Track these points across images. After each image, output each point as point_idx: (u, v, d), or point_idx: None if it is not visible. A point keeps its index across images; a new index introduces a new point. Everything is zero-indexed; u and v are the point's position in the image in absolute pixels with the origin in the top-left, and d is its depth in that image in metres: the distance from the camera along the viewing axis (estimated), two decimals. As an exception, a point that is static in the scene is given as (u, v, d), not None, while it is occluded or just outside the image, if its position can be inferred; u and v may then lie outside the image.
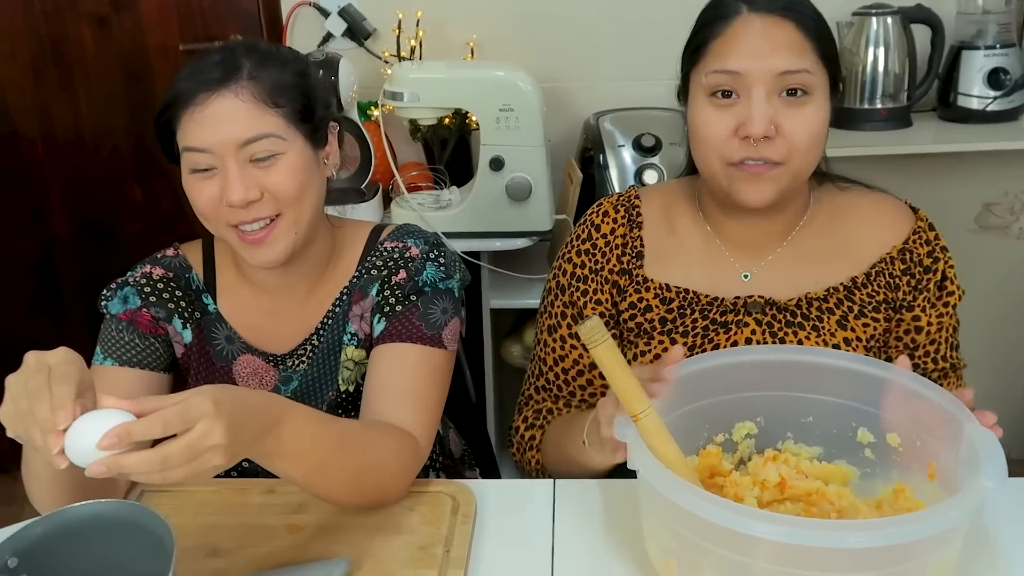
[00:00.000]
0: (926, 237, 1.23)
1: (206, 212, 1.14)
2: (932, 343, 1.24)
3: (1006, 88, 2.26)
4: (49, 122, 2.54)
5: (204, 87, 1.09)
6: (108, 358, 1.20)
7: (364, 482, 1.05)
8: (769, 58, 1.10)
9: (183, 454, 0.80)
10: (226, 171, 1.10)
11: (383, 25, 2.38)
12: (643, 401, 0.93)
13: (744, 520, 0.81)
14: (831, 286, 1.21)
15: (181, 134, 1.12)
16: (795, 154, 1.12)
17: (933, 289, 1.23)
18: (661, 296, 1.24)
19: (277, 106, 1.11)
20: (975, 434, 0.91)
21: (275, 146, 1.11)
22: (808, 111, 1.11)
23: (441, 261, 1.23)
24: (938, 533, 0.81)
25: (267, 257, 1.15)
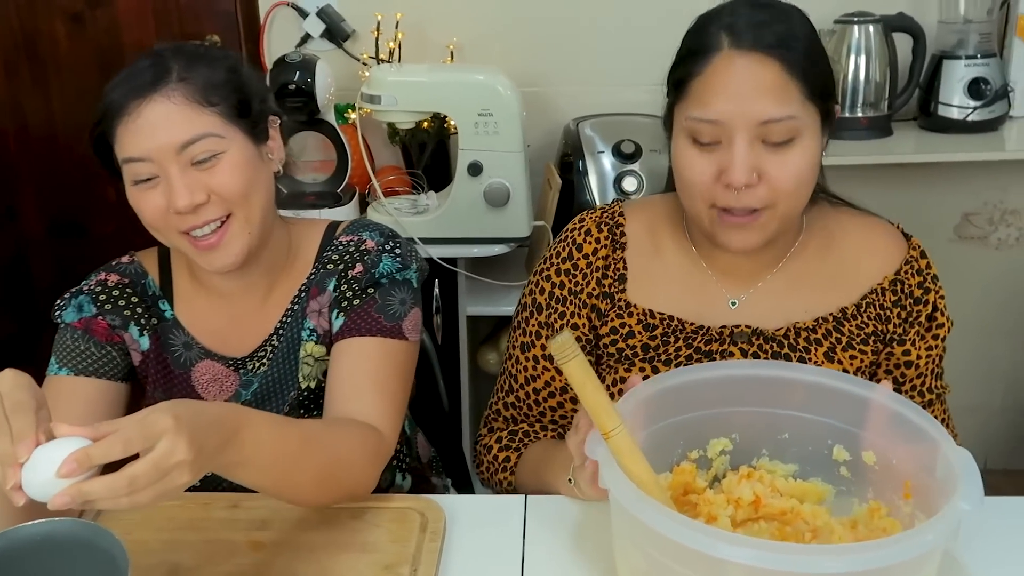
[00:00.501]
0: (918, 267, 1.20)
1: (154, 222, 1.12)
2: (919, 376, 1.21)
3: (987, 98, 2.26)
4: (22, 118, 2.50)
5: (135, 95, 1.07)
6: (63, 368, 1.17)
7: (330, 480, 1.03)
8: (751, 105, 1.03)
9: (149, 473, 0.78)
10: (169, 178, 1.08)
11: (362, 27, 2.35)
12: (614, 419, 0.91)
13: (718, 544, 0.79)
14: (820, 316, 1.18)
15: (118, 146, 1.09)
16: (780, 198, 1.07)
17: (924, 321, 1.20)
18: (644, 322, 1.20)
19: (211, 104, 1.09)
20: (951, 454, 0.90)
21: (214, 145, 1.09)
22: (793, 155, 1.06)
23: (397, 252, 1.21)
24: (914, 557, 0.80)
25: (223, 261, 1.13)
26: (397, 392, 1.16)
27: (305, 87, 1.99)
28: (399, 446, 1.33)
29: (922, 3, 2.34)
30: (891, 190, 2.41)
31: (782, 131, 1.04)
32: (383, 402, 1.13)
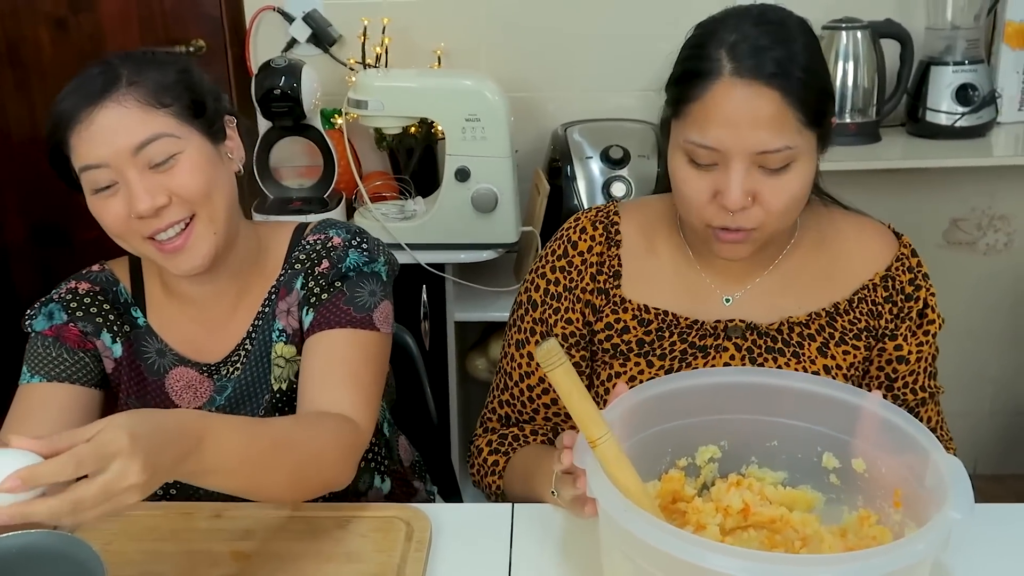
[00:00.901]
0: (909, 264, 1.21)
1: (117, 230, 1.11)
2: (911, 373, 1.21)
3: (974, 104, 2.26)
4: (4, 124, 2.48)
5: (86, 102, 1.06)
6: (36, 375, 1.16)
7: (305, 477, 1.02)
8: (748, 136, 1.04)
9: (97, 497, 0.76)
10: (127, 182, 1.06)
11: (349, 31, 2.34)
12: (601, 426, 0.90)
13: (706, 554, 0.78)
14: (813, 311, 1.19)
15: (74, 155, 1.08)
16: (771, 219, 1.09)
17: (915, 318, 1.20)
18: (639, 317, 1.20)
19: (164, 106, 1.09)
20: (941, 463, 0.89)
21: (170, 146, 1.08)
22: (788, 180, 1.07)
23: (364, 247, 1.21)
24: (905, 567, 0.78)
25: (191, 264, 1.12)
26: (370, 382, 1.14)
27: (291, 92, 1.97)
28: (377, 448, 1.32)
29: (910, 9, 2.35)
30: (880, 196, 2.41)
31: (778, 160, 1.05)
32: (356, 392, 1.12)
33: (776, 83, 1.03)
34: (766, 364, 1.18)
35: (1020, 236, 2.57)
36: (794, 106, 1.03)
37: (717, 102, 1.04)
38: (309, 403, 1.11)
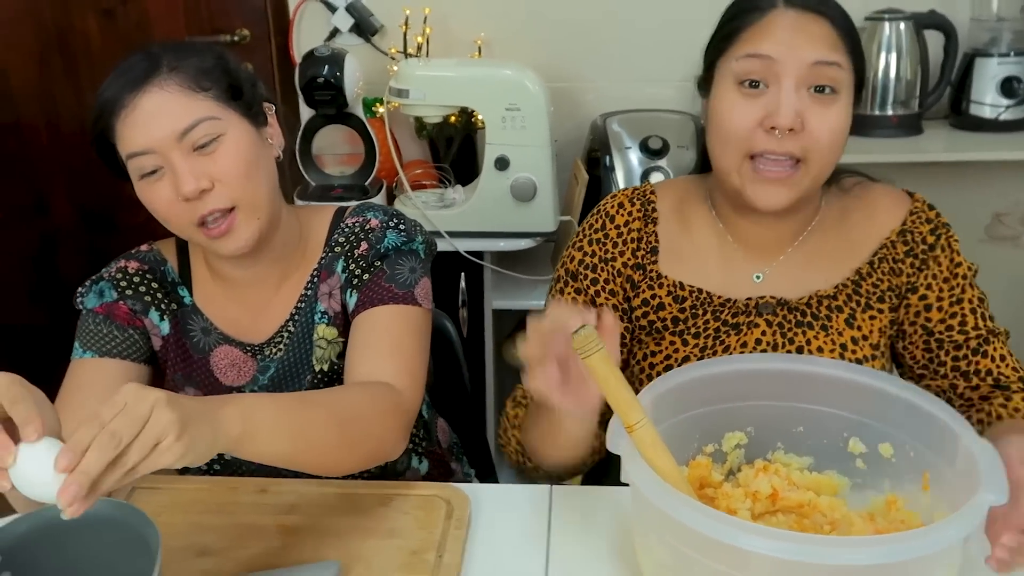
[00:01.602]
0: (926, 216, 1.22)
1: (167, 215, 1.13)
2: (953, 316, 1.20)
3: (1020, 97, 2.25)
4: (54, 111, 2.53)
5: (129, 89, 1.09)
6: (88, 351, 1.19)
7: (351, 434, 1.02)
8: (803, 47, 1.09)
9: (128, 422, 0.76)
10: (173, 166, 1.09)
11: (390, 21, 2.37)
12: (638, 412, 0.91)
13: (743, 535, 0.79)
14: (839, 283, 1.21)
15: (120, 143, 1.11)
16: (815, 154, 1.10)
17: (944, 263, 1.21)
18: (674, 294, 1.22)
19: (204, 90, 1.11)
20: (972, 445, 0.89)
21: (213, 128, 1.10)
22: (835, 110, 1.10)
23: (401, 228, 1.23)
24: (940, 550, 0.79)
25: (235, 245, 1.13)
26: (413, 354, 1.16)
27: (334, 81, 2.00)
28: (416, 429, 1.33)
29: (954, 0, 2.33)
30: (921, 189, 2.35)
31: (829, 77, 1.09)
32: (398, 361, 1.13)
33: (826, 12, 1.11)
34: (796, 338, 1.19)
35: (1064, 231, 2.55)
36: (842, 36, 1.11)
37: (774, 22, 1.11)
38: (353, 376, 1.13)
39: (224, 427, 0.86)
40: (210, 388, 1.24)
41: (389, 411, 1.08)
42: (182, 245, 1.27)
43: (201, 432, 0.82)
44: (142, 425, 0.77)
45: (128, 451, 0.76)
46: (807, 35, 1.10)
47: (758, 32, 1.11)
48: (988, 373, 1.18)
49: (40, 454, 0.76)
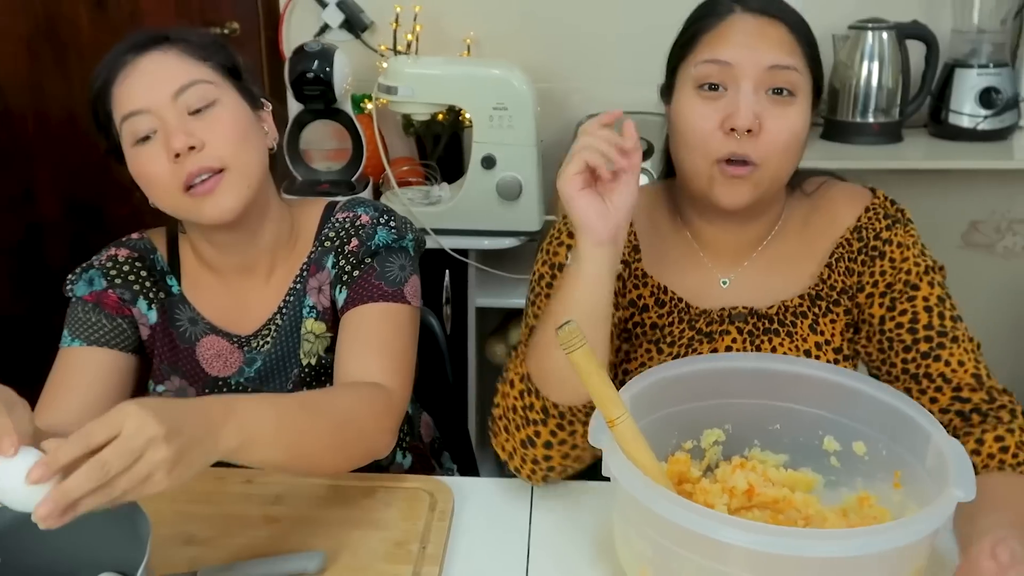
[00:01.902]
0: (884, 212, 1.21)
1: (155, 179, 1.12)
2: (903, 313, 1.15)
3: (997, 107, 2.28)
4: (42, 100, 2.53)
5: (131, 52, 1.12)
6: (76, 339, 1.20)
7: (346, 438, 1.04)
8: (760, 51, 1.10)
9: (121, 454, 0.76)
10: (166, 124, 1.10)
11: (380, 18, 2.38)
12: (619, 407, 0.94)
13: (722, 528, 0.82)
14: (803, 291, 1.21)
15: (116, 107, 1.12)
16: (773, 156, 1.11)
17: (897, 257, 1.18)
18: (657, 297, 1.23)
19: (204, 60, 1.14)
20: (942, 444, 0.92)
21: (208, 92, 1.12)
22: (792, 112, 1.12)
23: (392, 225, 1.25)
24: (910, 543, 0.82)
25: (220, 209, 1.13)
26: (402, 352, 1.18)
27: (323, 76, 2.01)
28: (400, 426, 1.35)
29: (936, 11, 2.37)
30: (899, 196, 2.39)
31: (786, 80, 1.11)
32: (387, 360, 1.15)
33: (783, 17, 1.13)
34: (762, 346, 1.20)
35: (1038, 240, 2.59)
36: (799, 40, 1.13)
37: (732, 27, 1.13)
38: (343, 375, 1.15)
39: (221, 445, 0.87)
40: (196, 378, 1.25)
41: (381, 412, 1.10)
42: (172, 234, 1.28)
43: (194, 462, 0.83)
44: (134, 459, 0.77)
45: (116, 481, 0.77)
46: (764, 39, 1.12)
47: (716, 37, 1.13)
48: (944, 380, 1.11)
49: (17, 467, 0.77)
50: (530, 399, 1.08)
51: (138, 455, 0.77)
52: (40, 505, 0.74)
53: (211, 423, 0.86)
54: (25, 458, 0.78)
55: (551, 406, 1.07)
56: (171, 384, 1.25)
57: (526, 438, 1.10)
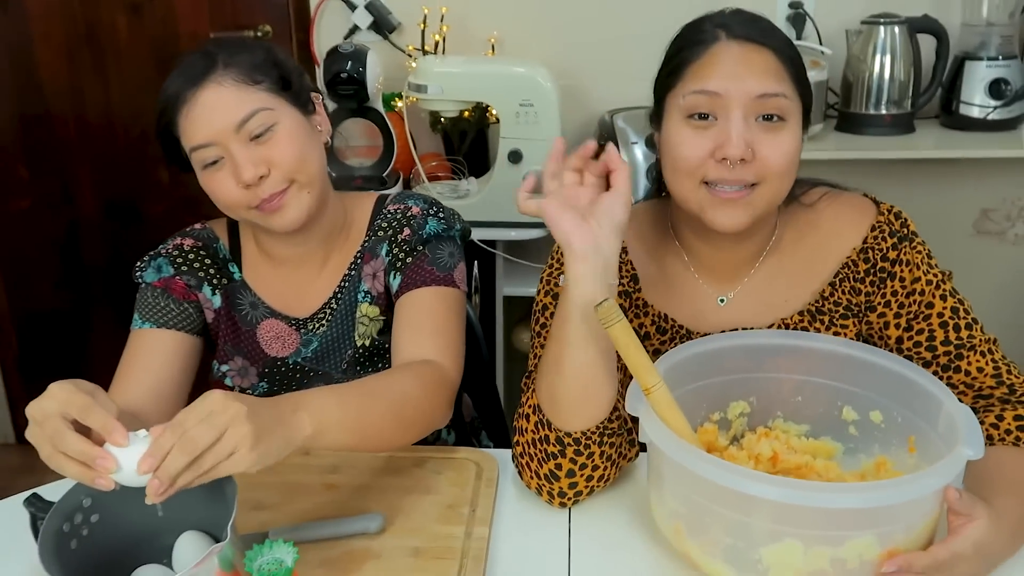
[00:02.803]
0: (890, 229, 1.21)
1: (228, 201, 1.22)
2: (920, 332, 1.19)
3: (1007, 98, 2.35)
4: (81, 104, 2.62)
5: (189, 85, 1.18)
6: (146, 322, 1.28)
7: (405, 415, 1.12)
8: (748, 80, 1.10)
9: (207, 430, 0.85)
10: (232, 156, 1.18)
11: (408, 19, 2.47)
12: (655, 376, 1.01)
13: (751, 483, 0.90)
14: (801, 308, 1.23)
15: (184, 136, 1.20)
16: (770, 177, 1.13)
17: (907, 278, 1.20)
18: (658, 325, 1.26)
19: (257, 83, 1.21)
20: (953, 410, 1.00)
21: (268, 118, 1.20)
22: (784, 137, 1.12)
23: (441, 216, 1.34)
24: (922, 496, 0.90)
25: (287, 220, 1.22)
26: (453, 331, 1.27)
27: (357, 76, 2.10)
28: None
29: (946, 6, 2.44)
30: (913, 185, 2.50)
31: (776, 106, 1.11)
32: (440, 339, 1.24)
33: (768, 43, 1.13)
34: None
35: (1048, 227, 2.66)
36: (786, 65, 1.13)
37: (719, 56, 1.12)
38: (400, 353, 1.24)
39: (297, 432, 0.96)
40: (256, 358, 1.35)
41: (435, 387, 1.18)
42: (232, 224, 1.37)
43: (274, 442, 0.91)
44: (219, 435, 0.86)
45: (204, 456, 0.86)
46: (751, 67, 1.11)
47: (704, 67, 1.12)
48: (966, 386, 1.16)
49: (129, 455, 0.87)
50: (544, 431, 1.10)
51: (222, 431, 0.86)
52: (148, 485, 0.85)
53: (283, 413, 0.95)
54: (134, 445, 0.87)
55: (564, 436, 1.09)
56: (234, 364, 1.34)
57: (549, 472, 1.11)
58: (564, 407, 1.09)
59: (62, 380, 0.90)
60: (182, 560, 0.97)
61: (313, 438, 0.97)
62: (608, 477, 1.14)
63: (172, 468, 0.85)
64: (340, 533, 1.08)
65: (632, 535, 1.10)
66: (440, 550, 1.06)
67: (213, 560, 0.87)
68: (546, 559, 1.06)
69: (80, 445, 0.86)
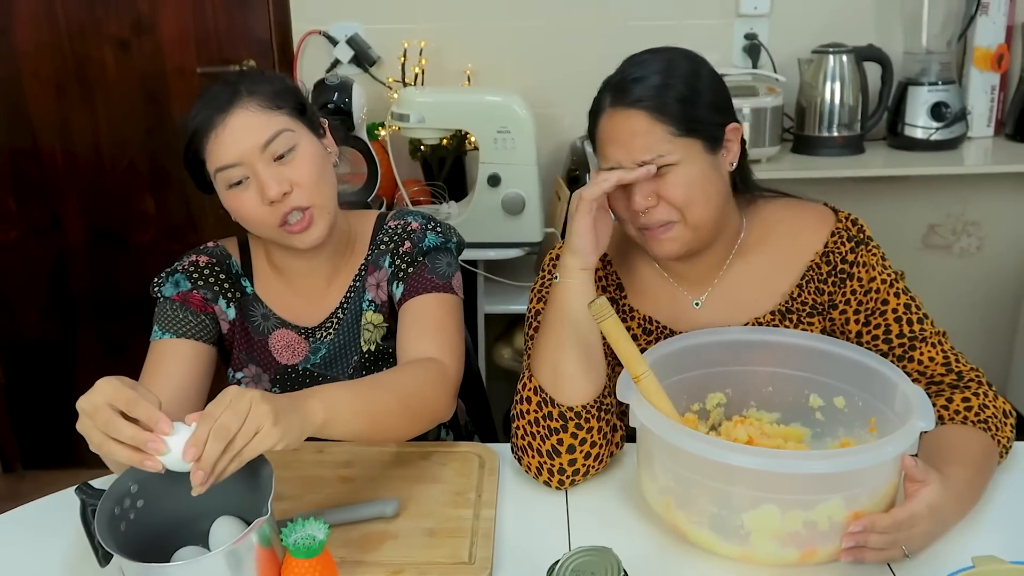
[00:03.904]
0: (848, 234, 1.33)
1: (253, 218, 1.32)
2: (877, 327, 1.30)
3: (947, 120, 2.52)
4: (69, 136, 2.69)
5: (218, 112, 1.29)
6: (166, 333, 1.37)
7: (412, 407, 1.23)
8: (629, 148, 1.23)
9: (233, 415, 0.95)
10: (257, 175, 1.28)
11: (387, 53, 2.59)
12: (643, 365, 1.14)
13: (732, 454, 1.02)
14: (773, 308, 1.34)
15: (210, 159, 1.30)
16: (683, 210, 1.25)
17: (864, 277, 1.31)
18: (644, 327, 1.37)
19: (279, 108, 1.31)
20: (907, 390, 1.13)
21: (290, 139, 1.30)
22: (676, 176, 1.23)
23: (439, 230, 1.46)
24: (883, 462, 1.03)
25: (311, 239, 1.33)
26: (453, 333, 1.37)
27: (343, 107, 2.21)
28: None
29: (889, 35, 2.61)
30: (864, 203, 2.66)
31: (660, 161, 1.23)
32: (441, 339, 1.35)
33: (642, 106, 1.23)
34: None
35: (990, 240, 2.82)
36: (662, 121, 1.22)
37: (604, 128, 1.27)
38: (405, 353, 1.34)
39: (311, 417, 1.06)
40: (269, 366, 1.44)
41: (439, 382, 1.29)
42: (243, 242, 1.47)
43: (292, 420, 1.01)
44: (244, 417, 0.96)
45: (235, 439, 0.96)
46: (629, 134, 1.23)
47: (602, 138, 1.27)
48: (919, 374, 1.27)
49: (175, 441, 0.97)
50: (547, 408, 1.22)
51: (246, 412, 0.97)
52: (193, 475, 0.95)
53: (296, 400, 1.05)
54: (179, 432, 0.97)
55: (566, 410, 1.21)
56: (248, 371, 1.44)
57: (551, 448, 1.23)
58: (566, 381, 1.22)
59: (108, 376, 0.99)
60: (219, 542, 1.06)
61: (326, 424, 1.08)
62: (602, 458, 1.26)
63: (211, 454, 0.94)
64: (358, 517, 1.18)
65: (625, 512, 1.21)
66: (452, 530, 1.16)
67: (252, 537, 0.97)
68: (548, 535, 1.17)
69: (131, 431, 0.95)
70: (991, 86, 2.61)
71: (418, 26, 2.57)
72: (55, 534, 1.18)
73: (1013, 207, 2.79)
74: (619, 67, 1.31)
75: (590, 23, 2.61)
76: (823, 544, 1.05)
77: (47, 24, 2.60)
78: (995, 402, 1.24)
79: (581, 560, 0.93)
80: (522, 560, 1.12)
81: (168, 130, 2.68)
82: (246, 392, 0.98)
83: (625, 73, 1.28)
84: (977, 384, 1.25)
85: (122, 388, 0.97)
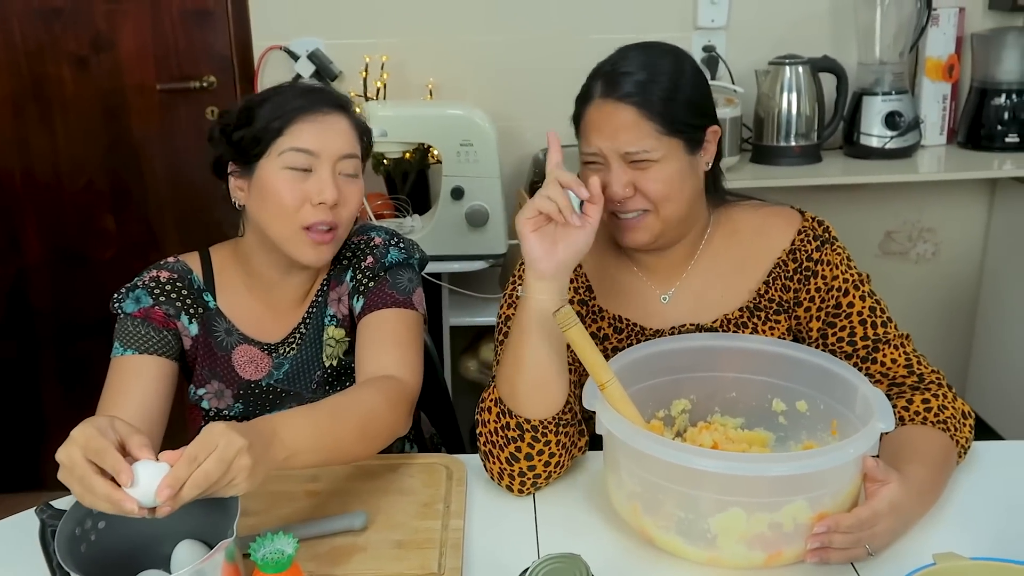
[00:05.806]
0: (814, 233, 1.36)
1: (290, 206, 1.32)
2: (843, 328, 1.33)
3: (901, 129, 2.57)
4: (27, 155, 2.66)
5: (326, 104, 1.35)
6: (128, 349, 1.36)
7: (369, 432, 1.23)
8: (615, 140, 1.27)
9: (218, 464, 0.96)
10: (321, 174, 1.32)
11: (348, 67, 2.59)
12: (608, 373, 1.15)
13: (698, 458, 1.04)
14: (742, 305, 1.38)
15: (292, 136, 1.32)
16: (656, 203, 1.29)
17: (827, 275, 1.34)
18: (614, 326, 1.39)
19: (361, 140, 1.40)
20: (867, 393, 1.15)
21: (356, 166, 1.38)
22: (658, 169, 1.27)
23: (401, 246, 1.47)
24: (845, 463, 1.05)
25: (321, 258, 1.36)
26: (411, 348, 1.38)
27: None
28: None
29: (843, 47, 2.66)
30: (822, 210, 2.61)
31: (642, 156, 1.27)
32: (400, 355, 1.35)
33: (631, 100, 1.27)
34: None
35: (945, 246, 2.88)
36: (649, 117, 1.26)
37: (592, 117, 1.30)
38: (364, 368, 1.34)
39: (275, 458, 1.07)
40: (231, 381, 1.44)
41: (397, 400, 1.29)
42: (204, 258, 1.46)
43: (262, 469, 1.02)
44: (228, 467, 0.97)
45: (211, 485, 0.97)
46: (616, 126, 1.27)
47: (587, 127, 1.30)
48: (882, 375, 1.30)
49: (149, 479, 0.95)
50: (505, 419, 1.24)
51: (230, 463, 0.97)
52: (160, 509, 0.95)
53: (265, 441, 1.05)
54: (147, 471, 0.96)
55: (523, 422, 1.22)
56: (211, 387, 1.43)
57: (510, 455, 1.24)
58: (522, 399, 1.23)
59: (85, 421, 0.99)
60: (180, 565, 1.05)
61: (286, 460, 1.09)
62: (563, 464, 1.27)
63: (187, 497, 0.95)
64: (326, 531, 1.18)
65: (593, 518, 1.22)
66: (421, 541, 1.16)
67: (220, 556, 0.96)
68: (517, 543, 1.17)
69: (105, 490, 0.94)
70: (943, 95, 2.67)
71: (379, 41, 2.58)
72: (14, 556, 1.16)
73: (966, 213, 2.85)
74: (611, 56, 1.34)
75: (551, 37, 2.64)
76: (789, 545, 1.07)
77: (3, 42, 2.57)
78: (954, 403, 1.26)
79: (550, 567, 0.94)
80: (492, 569, 1.12)
81: (128, 147, 2.66)
82: (233, 440, 0.98)
83: (617, 65, 1.30)
84: (937, 386, 1.28)
85: (94, 438, 0.96)
